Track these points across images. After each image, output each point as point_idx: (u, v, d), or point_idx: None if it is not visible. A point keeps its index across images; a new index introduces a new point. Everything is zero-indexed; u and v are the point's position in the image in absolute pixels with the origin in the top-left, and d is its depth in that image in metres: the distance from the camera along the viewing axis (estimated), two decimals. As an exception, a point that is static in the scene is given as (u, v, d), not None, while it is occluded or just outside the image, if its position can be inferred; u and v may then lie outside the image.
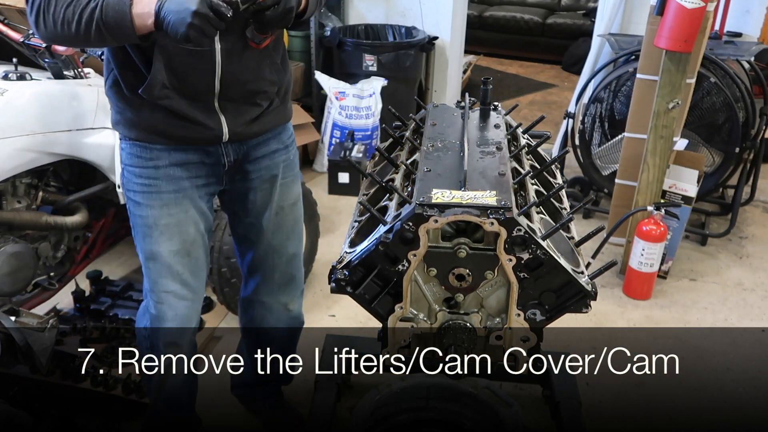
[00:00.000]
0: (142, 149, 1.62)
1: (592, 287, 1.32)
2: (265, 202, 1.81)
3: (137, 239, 1.70)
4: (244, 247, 1.92)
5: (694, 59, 2.96)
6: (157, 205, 1.64)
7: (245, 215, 1.82)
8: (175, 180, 1.64)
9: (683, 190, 3.12)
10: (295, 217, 1.90)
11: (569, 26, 7.22)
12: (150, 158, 1.62)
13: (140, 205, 1.65)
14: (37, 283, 2.33)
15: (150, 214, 1.64)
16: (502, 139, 1.56)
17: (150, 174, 1.63)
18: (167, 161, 1.62)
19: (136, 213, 1.66)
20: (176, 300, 1.71)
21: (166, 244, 1.67)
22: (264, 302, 1.98)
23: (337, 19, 4.62)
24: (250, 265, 1.93)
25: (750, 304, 3.04)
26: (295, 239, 1.93)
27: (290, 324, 2.05)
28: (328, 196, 3.97)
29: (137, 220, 1.67)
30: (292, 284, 1.98)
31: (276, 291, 1.96)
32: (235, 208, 1.83)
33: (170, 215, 1.65)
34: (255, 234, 1.85)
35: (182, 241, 1.68)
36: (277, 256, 1.89)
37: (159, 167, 1.62)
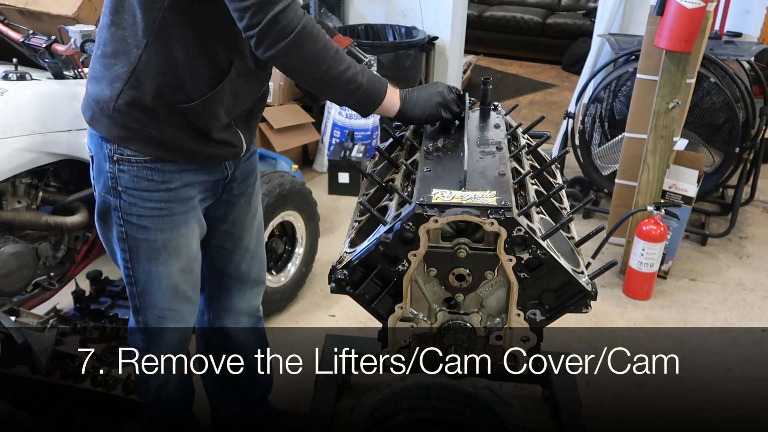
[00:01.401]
0: (153, 171, 1.52)
1: (592, 287, 1.32)
2: (246, 206, 1.79)
3: (137, 262, 1.60)
4: (216, 259, 1.84)
5: (694, 59, 2.96)
6: (168, 228, 1.57)
7: (223, 224, 1.77)
8: (187, 200, 1.58)
9: (683, 190, 3.12)
10: (261, 216, 1.90)
11: (569, 26, 7.22)
12: (162, 181, 1.53)
13: (148, 229, 1.56)
14: (37, 283, 2.33)
15: (159, 237, 1.57)
16: (502, 139, 1.56)
17: (163, 197, 1.54)
18: (179, 182, 1.55)
19: (141, 237, 1.57)
20: (179, 315, 1.68)
21: (173, 265, 1.61)
22: (233, 312, 1.92)
23: (337, 19, 4.62)
24: (222, 275, 1.87)
25: (750, 304, 3.04)
26: (263, 237, 1.94)
27: (259, 327, 2.03)
28: (328, 196, 3.97)
29: (140, 243, 1.58)
30: (262, 287, 1.97)
31: (249, 295, 1.92)
32: (214, 218, 1.76)
33: (180, 236, 1.59)
34: (232, 241, 1.81)
35: (188, 259, 1.64)
36: (251, 257, 1.86)
37: (171, 189, 1.54)
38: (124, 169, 1.51)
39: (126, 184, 1.52)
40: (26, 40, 2.35)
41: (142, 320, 1.69)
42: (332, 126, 4.22)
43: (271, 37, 1.31)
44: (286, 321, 2.82)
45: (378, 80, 1.45)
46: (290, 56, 1.34)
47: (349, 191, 3.96)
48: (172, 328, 1.68)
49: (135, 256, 1.60)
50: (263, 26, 1.30)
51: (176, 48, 1.41)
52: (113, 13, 1.44)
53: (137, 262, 1.60)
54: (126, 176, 1.52)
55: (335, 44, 1.39)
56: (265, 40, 1.32)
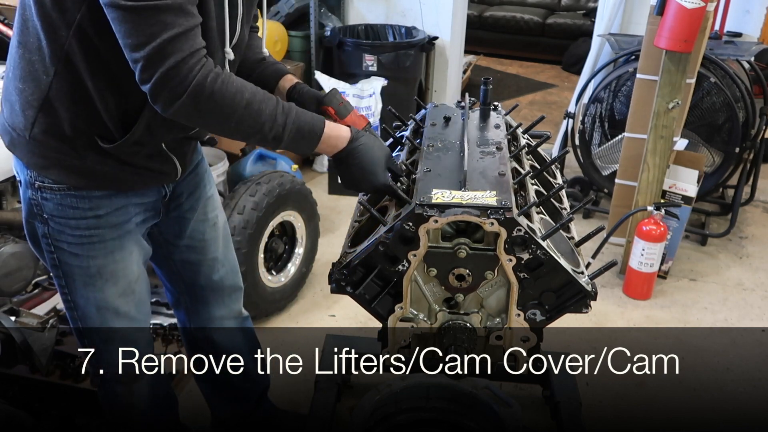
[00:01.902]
0: (79, 199, 1.41)
1: (592, 287, 1.32)
2: (202, 217, 1.72)
3: (73, 287, 1.52)
4: (184, 274, 1.78)
5: (694, 59, 2.96)
6: (101, 254, 1.48)
7: (181, 239, 1.71)
8: (119, 225, 1.48)
9: (683, 190, 3.12)
10: (225, 223, 1.83)
11: (569, 26, 7.22)
12: (90, 208, 1.43)
13: (79, 256, 1.47)
14: (37, 283, 2.33)
15: (93, 264, 1.48)
16: (502, 139, 1.56)
17: (91, 224, 1.44)
18: (109, 207, 1.45)
19: (74, 263, 1.48)
20: (125, 333, 1.61)
21: (111, 290, 1.52)
22: (216, 319, 1.88)
23: (337, 19, 4.62)
24: (194, 288, 1.82)
25: (750, 304, 3.04)
26: (231, 244, 1.87)
27: (246, 326, 1.99)
28: (328, 196, 3.97)
29: (74, 270, 1.49)
30: (240, 292, 1.92)
31: (228, 302, 1.88)
32: (169, 235, 1.70)
33: (115, 261, 1.50)
34: (196, 254, 1.75)
35: (127, 282, 1.55)
36: (221, 266, 1.81)
37: (101, 216, 1.44)
38: (47, 197, 1.42)
39: (51, 212, 1.43)
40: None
41: (87, 343, 1.61)
42: (332, 126, 4.21)
43: (164, 95, 1.19)
44: (286, 321, 2.82)
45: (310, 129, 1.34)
46: (189, 115, 1.24)
47: (349, 191, 3.95)
48: (121, 347, 1.58)
49: (71, 281, 1.51)
50: (153, 84, 1.18)
51: (86, 78, 1.31)
52: (20, 33, 1.32)
53: (73, 287, 1.52)
54: (50, 204, 1.43)
55: (248, 92, 1.26)
56: (158, 98, 1.20)
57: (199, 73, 1.19)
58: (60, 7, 1.24)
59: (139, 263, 1.58)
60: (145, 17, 1.14)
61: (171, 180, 1.56)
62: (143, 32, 1.15)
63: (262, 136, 1.30)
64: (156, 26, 1.15)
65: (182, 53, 1.17)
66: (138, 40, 1.16)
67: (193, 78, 1.19)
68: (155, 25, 1.15)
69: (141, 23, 1.14)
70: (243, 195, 2.57)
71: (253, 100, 1.26)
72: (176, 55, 1.17)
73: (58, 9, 1.24)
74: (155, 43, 1.15)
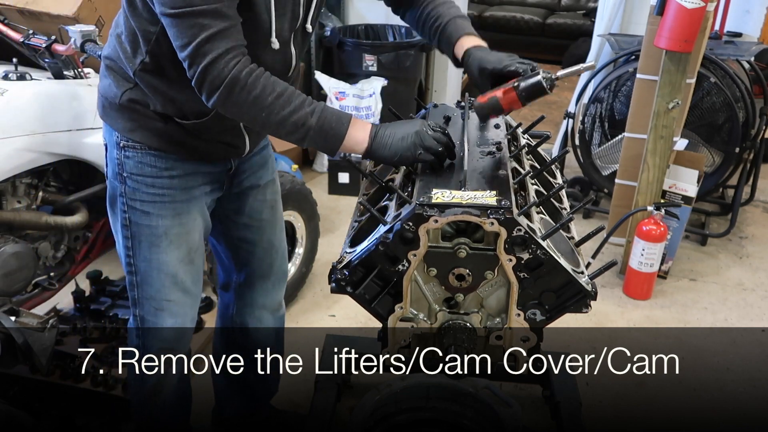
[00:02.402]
0: (157, 158, 1.57)
1: (592, 287, 1.32)
2: (262, 198, 1.81)
3: (138, 249, 1.63)
4: (240, 252, 1.87)
5: (694, 59, 2.96)
6: (170, 215, 1.60)
7: (241, 216, 1.80)
8: (189, 189, 1.62)
9: (683, 190, 3.12)
10: (281, 210, 1.92)
11: (569, 26, 7.22)
12: (165, 168, 1.58)
13: (150, 215, 1.60)
14: (37, 283, 2.33)
15: (161, 224, 1.60)
16: (502, 139, 1.56)
17: (165, 184, 1.59)
18: (182, 170, 1.60)
19: (143, 223, 1.61)
20: (177, 307, 1.68)
21: (174, 253, 1.63)
22: (256, 308, 1.94)
23: (337, 19, 4.62)
24: (246, 269, 1.89)
25: (750, 304, 3.04)
26: (284, 231, 1.95)
27: (280, 327, 2.04)
28: (328, 196, 3.97)
29: (143, 230, 1.61)
30: (284, 280, 1.99)
31: (272, 290, 1.95)
32: (230, 211, 1.79)
33: (181, 224, 1.62)
34: (253, 234, 1.83)
35: (188, 249, 1.65)
36: (275, 251, 1.89)
37: (174, 177, 1.59)
38: (129, 155, 1.57)
39: (131, 169, 1.57)
40: (26, 40, 2.35)
41: (139, 313, 1.69)
42: (332, 126, 4.21)
43: (206, 88, 1.34)
44: (286, 321, 2.79)
45: (338, 119, 1.39)
46: (226, 106, 1.36)
47: (349, 191, 3.95)
48: (171, 320, 1.68)
49: (137, 243, 1.62)
50: (196, 78, 1.34)
51: (169, 69, 1.46)
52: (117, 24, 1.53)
53: (138, 250, 1.63)
54: (131, 162, 1.57)
55: (280, 87, 1.36)
56: (202, 91, 1.35)
57: (235, 68, 1.32)
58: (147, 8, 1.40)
59: (200, 233, 1.68)
60: (186, 21, 1.30)
61: (239, 154, 1.67)
62: (186, 34, 1.31)
63: (288, 129, 1.38)
64: (195, 28, 1.30)
65: (218, 50, 1.31)
66: (182, 41, 1.32)
67: (228, 72, 1.32)
68: (194, 27, 1.30)
69: (183, 26, 1.31)
70: (243, 195, 2.57)
71: (282, 94, 1.36)
72: (213, 52, 1.31)
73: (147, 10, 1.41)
74: (195, 42, 1.31)
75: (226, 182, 1.72)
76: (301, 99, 1.37)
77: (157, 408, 1.78)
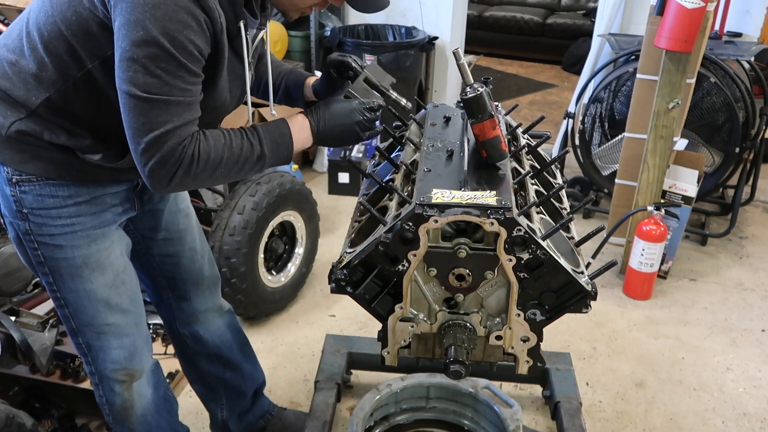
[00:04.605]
0: (58, 188, 1.44)
1: (592, 287, 1.32)
2: (174, 207, 1.74)
3: (62, 282, 1.52)
4: (164, 268, 1.80)
5: (694, 59, 2.96)
6: (85, 244, 1.49)
7: (158, 233, 1.73)
8: (98, 213, 1.51)
9: (683, 190, 3.12)
10: (195, 215, 1.86)
11: (569, 26, 7.23)
12: (69, 195, 1.45)
13: (63, 247, 1.48)
14: (37, 283, 2.33)
15: (77, 254, 1.49)
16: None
17: (71, 212, 1.47)
18: (87, 195, 1.48)
19: (58, 257, 1.49)
20: (119, 329, 1.61)
21: (99, 280, 1.53)
22: (200, 313, 1.89)
23: (337, 19, 4.62)
24: (176, 282, 1.83)
25: (750, 304, 3.04)
26: (203, 235, 1.89)
27: (231, 322, 1.99)
28: (328, 196, 3.98)
29: (60, 263, 1.50)
30: (218, 283, 1.93)
31: (208, 295, 1.89)
32: (146, 230, 1.72)
33: (99, 251, 1.52)
34: (174, 246, 1.77)
35: (114, 272, 1.56)
36: (200, 257, 1.83)
37: (80, 203, 1.47)
38: (25, 189, 1.44)
39: (30, 205, 1.45)
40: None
41: (82, 341, 1.60)
42: (332, 126, 4.22)
43: (160, 176, 1.29)
44: (286, 321, 2.82)
45: (280, 133, 1.41)
46: (185, 185, 1.34)
47: (349, 191, 3.96)
48: (116, 342, 1.60)
49: (58, 277, 1.52)
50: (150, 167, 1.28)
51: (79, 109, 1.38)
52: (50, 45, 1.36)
53: (61, 283, 1.53)
54: (29, 197, 1.44)
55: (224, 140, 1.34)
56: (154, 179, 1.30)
57: (188, 148, 1.29)
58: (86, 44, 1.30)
59: (123, 254, 1.60)
60: (156, 109, 1.24)
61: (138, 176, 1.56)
62: (151, 121, 1.24)
63: (249, 164, 1.39)
64: (163, 117, 1.24)
65: (179, 139, 1.27)
66: (143, 126, 1.25)
67: (183, 156, 1.28)
68: (162, 116, 1.24)
69: (151, 113, 1.24)
70: (243, 195, 2.57)
71: (228, 140, 1.35)
72: (173, 140, 1.26)
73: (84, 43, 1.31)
74: (159, 132, 1.25)
75: (136, 200, 1.62)
76: (242, 138, 1.37)
77: (137, 421, 1.73)
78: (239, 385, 2.03)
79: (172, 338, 1.96)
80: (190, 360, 1.98)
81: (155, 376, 1.75)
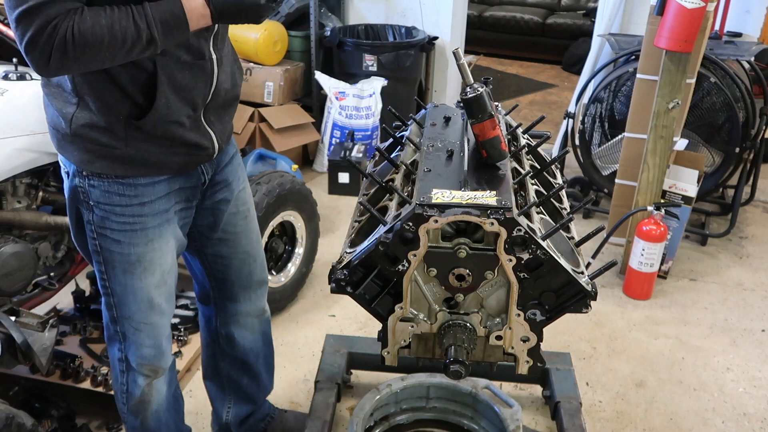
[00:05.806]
0: (125, 186, 1.47)
1: (592, 287, 1.32)
2: (234, 209, 1.75)
3: (112, 273, 1.56)
4: (215, 268, 1.82)
5: (694, 59, 2.96)
6: (142, 243, 1.53)
7: (215, 232, 1.74)
8: (161, 213, 1.54)
9: (683, 190, 3.12)
10: (255, 217, 1.86)
11: (569, 26, 7.23)
12: (135, 195, 1.49)
13: (121, 243, 1.52)
14: (37, 283, 2.33)
15: (133, 251, 1.53)
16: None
17: (135, 212, 1.50)
18: (153, 195, 1.51)
19: (115, 250, 1.53)
20: (154, 330, 1.65)
21: (148, 279, 1.57)
22: (241, 316, 1.90)
23: (337, 19, 4.62)
24: (225, 283, 1.84)
25: (750, 304, 3.04)
26: (260, 239, 1.90)
27: (265, 330, 2.01)
28: (328, 196, 3.97)
29: (115, 256, 1.54)
30: (265, 287, 1.94)
31: (253, 298, 1.90)
32: (203, 228, 1.73)
33: (154, 250, 1.55)
34: (228, 248, 1.78)
35: (162, 272, 1.60)
36: (252, 260, 1.84)
37: (145, 203, 1.50)
38: (95, 184, 1.48)
39: (97, 198, 1.49)
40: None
41: (120, 330, 1.64)
42: (332, 126, 4.22)
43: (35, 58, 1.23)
44: (286, 321, 2.82)
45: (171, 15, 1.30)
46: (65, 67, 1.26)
47: (349, 191, 3.96)
48: (150, 341, 1.64)
49: (110, 268, 1.56)
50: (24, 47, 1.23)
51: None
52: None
53: (112, 274, 1.56)
54: (97, 191, 1.48)
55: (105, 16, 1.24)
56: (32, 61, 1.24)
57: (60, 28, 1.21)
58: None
59: (174, 254, 1.63)
60: None
61: (208, 157, 1.58)
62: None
63: (139, 48, 1.29)
64: None
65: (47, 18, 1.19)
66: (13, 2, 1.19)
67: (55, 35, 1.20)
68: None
69: None
70: (243, 195, 2.57)
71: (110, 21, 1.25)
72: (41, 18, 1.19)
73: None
74: (25, 6, 1.18)
75: (200, 197, 1.65)
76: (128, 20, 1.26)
77: (150, 416, 1.76)
78: (252, 393, 2.04)
79: (205, 333, 1.98)
80: (213, 356, 2.00)
81: (171, 373, 1.78)
